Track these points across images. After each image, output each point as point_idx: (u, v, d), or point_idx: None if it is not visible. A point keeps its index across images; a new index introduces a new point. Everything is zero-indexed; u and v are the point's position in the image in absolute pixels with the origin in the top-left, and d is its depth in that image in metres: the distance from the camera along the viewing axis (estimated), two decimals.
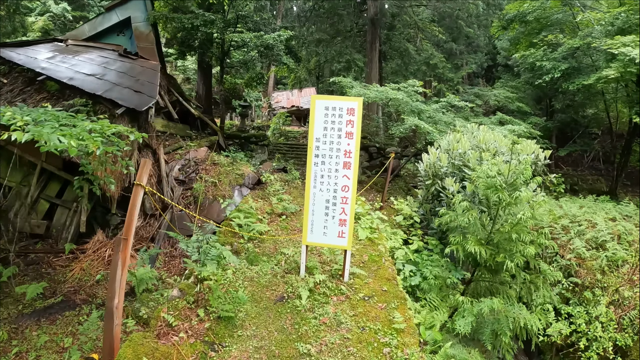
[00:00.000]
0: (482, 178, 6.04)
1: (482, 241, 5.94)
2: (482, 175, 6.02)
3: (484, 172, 5.77)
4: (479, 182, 6.09)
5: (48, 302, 6.59)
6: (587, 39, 15.14)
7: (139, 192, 5.25)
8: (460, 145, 8.40)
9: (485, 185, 5.90)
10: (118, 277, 5.07)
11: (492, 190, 5.76)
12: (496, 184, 5.76)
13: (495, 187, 5.80)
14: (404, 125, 11.43)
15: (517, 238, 5.59)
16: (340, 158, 5.59)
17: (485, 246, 5.81)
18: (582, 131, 19.29)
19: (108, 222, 10.18)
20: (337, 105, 5.57)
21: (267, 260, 6.84)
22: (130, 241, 5.22)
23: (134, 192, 5.27)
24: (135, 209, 5.24)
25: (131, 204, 5.24)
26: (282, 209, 9.07)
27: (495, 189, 5.80)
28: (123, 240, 5.16)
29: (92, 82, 10.99)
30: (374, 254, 7.28)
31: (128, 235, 5.20)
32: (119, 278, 5.09)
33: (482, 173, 5.89)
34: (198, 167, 11.14)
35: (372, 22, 18.10)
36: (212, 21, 13.33)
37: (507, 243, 5.84)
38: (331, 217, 5.75)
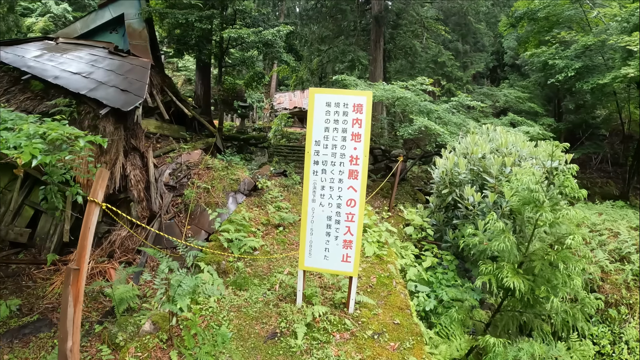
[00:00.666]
0: (518, 191, 4.84)
1: (517, 268, 4.71)
2: (518, 188, 4.82)
3: (523, 183, 4.55)
4: (513, 196, 4.90)
5: (24, 320, 5.84)
6: (601, 36, 13.92)
7: (93, 210, 4.10)
8: (479, 149, 7.18)
9: (523, 200, 4.70)
10: (70, 316, 3.94)
11: (532, 206, 4.55)
12: (536, 199, 4.55)
13: (535, 202, 4.59)
14: (413, 127, 10.22)
15: (564, 268, 4.35)
16: (345, 165, 4.39)
17: (523, 276, 4.59)
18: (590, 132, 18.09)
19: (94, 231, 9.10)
20: (341, 100, 4.38)
21: (258, 284, 5.65)
22: (83, 271, 4.07)
23: (87, 210, 4.12)
24: (89, 232, 4.08)
25: (84, 225, 4.10)
26: (279, 220, 7.87)
27: (535, 206, 4.59)
28: (73, 272, 4.00)
29: (78, 81, 9.92)
30: (383, 275, 6.08)
31: (80, 264, 4.04)
32: (71, 317, 3.95)
33: (519, 184, 4.68)
34: (190, 171, 9.97)
35: (377, 20, 16.90)
36: (208, 17, 12.15)
37: (549, 272, 4.62)
38: (334, 238, 4.55)
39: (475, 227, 6.87)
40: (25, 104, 9.46)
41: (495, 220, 4.63)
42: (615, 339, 6.95)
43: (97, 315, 6.91)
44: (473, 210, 6.65)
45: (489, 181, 6.82)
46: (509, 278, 4.36)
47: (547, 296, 4.50)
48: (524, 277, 4.62)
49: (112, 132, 9.34)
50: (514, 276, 4.44)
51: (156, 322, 4.84)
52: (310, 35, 18.01)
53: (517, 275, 4.51)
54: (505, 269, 4.47)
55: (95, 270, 8.32)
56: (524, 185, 4.55)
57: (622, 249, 8.58)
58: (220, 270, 6.00)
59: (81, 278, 4.03)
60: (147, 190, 9.33)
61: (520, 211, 5.14)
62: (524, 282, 4.52)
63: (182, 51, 13.95)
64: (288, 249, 6.94)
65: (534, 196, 4.49)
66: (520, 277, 4.54)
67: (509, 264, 4.62)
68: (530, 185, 4.50)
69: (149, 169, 9.58)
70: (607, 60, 14.83)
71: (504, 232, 4.61)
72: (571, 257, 4.46)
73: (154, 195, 9.24)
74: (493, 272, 4.57)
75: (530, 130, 12.04)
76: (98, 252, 8.87)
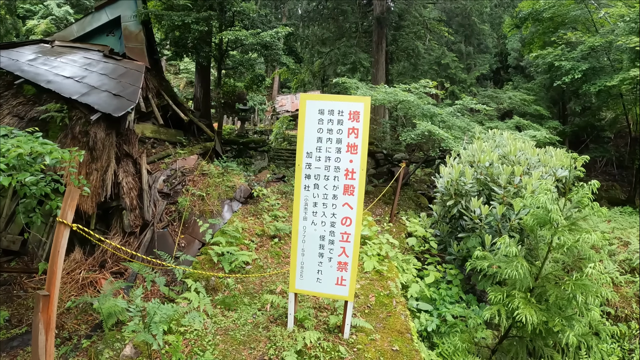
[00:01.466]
0: (532, 209, 4.36)
1: (528, 296, 4.22)
2: (532, 206, 4.35)
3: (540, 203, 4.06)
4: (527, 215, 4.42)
5: (12, 332, 5.69)
6: (609, 37, 13.39)
7: (63, 233, 3.67)
8: (486, 157, 6.69)
9: (538, 220, 4.21)
10: (41, 344, 3.55)
11: (548, 227, 4.07)
12: (552, 219, 4.06)
13: (551, 222, 4.11)
14: (416, 131, 9.73)
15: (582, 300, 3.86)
16: (339, 180, 3.93)
17: (535, 305, 4.10)
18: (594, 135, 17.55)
19: (88, 239, 8.79)
20: (335, 107, 3.92)
21: (248, 304, 5.19)
22: (54, 297, 3.66)
23: (57, 232, 3.71)
24: (59, 256, 3.67)
25: (53, 248, 3.72)
26: (274, 231, 7.40)
27: (552, 227, 4.11)
28: (43, 298, 3.59)
29: (70, 86, 9.57)
30: (383, 293, 5.61)
31: (51, 289, 3.65)
32: (43, 345, 3.55)
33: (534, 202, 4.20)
34: (185, 178, 9.54)
35: (379, 21, 16.42)
36: (206, 18, 11.72)
37: (564, 302, 4.14)
38: (327, 259, 4.09)
39: (481, 241, 6.40)
40: (17, 109, 9.13)
41: (507, 244, 4.14)
42: (624, 355, 6.47)
43: (86, 329, 6.57)
44: (480, 223, 6.17)
45: (497, 192, 6.34)
46: (521, 310, 3.88)
47: (562, 329, 4.02)
48: (536, 306, 4.14)
49: (103, 138, 8.93)
50: (526, 307, 3.96)
51: (137, 345, 4.41)
52: (311, 37, 17.54)
53: (529, 306, 4.02)
54: (516, 299, 3.99)
55: (87, 280, 7.96)
56: (540, 204, 4.06)
57: (633, 259, 8.13)
58: (210, 287, 5.56)
59: (52, 304, 3.67)
60: (140, 198, 8.92)
61: (533, 230, 4.65)
62: (537, 313, 4.04)
63: (180, 53, 13.52)
64: (282, 263, 6.48)
65: (551, 217, 4.00)
66: (532, 307, 4.06)
67: (520, 293, 4.14)
68: (547, 205, 4.01)
69: (142, 175, 9.16)
70: (614, 62, 14.32)
71: (516, 257, 4.13)
72: (590, 287, 3.98)
73: (147, 203, 8.83)
74: (503, 302, 4.09)
75: (537, 134, 11.55)
76: (90, 261, 8.50)
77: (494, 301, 4.13)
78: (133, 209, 8.77)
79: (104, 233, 8.83)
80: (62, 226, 3.63)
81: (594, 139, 17.70)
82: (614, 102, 15.81)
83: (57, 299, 3.80)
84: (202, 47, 13.00)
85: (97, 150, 8.76)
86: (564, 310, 4.33)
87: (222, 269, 5.86)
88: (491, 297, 4.19)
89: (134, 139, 9.77)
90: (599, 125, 17.09)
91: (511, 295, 4.08)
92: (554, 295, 4.12)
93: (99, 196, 8.58)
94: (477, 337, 5.47)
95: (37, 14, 24.64)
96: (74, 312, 6.75)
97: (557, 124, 15.59)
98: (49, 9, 24.28)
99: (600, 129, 17.17)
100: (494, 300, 4.14)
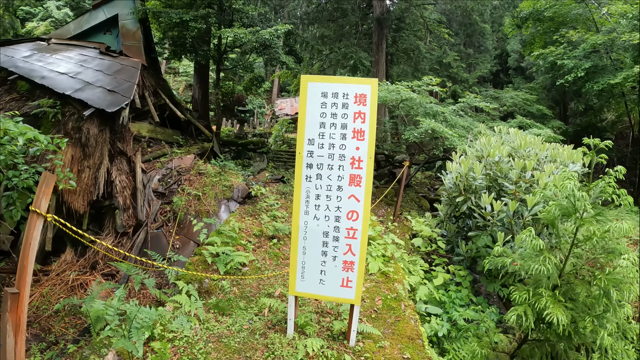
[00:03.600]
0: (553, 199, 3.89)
1: (557, 293, 3.73)
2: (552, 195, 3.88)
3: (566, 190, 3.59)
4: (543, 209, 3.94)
5: None
6: (612, 35, 12.99)
7: (35, 223, 3.19)
8: (496, 152, 6.21)
9: (561, 210, 3.73)
10: (10, 347, 3.10)
11: (574, 218, 3.60)
12: (578, 208, 3.59)
13: (578, 212, 3.64)
14: (419, 129, 9.27)
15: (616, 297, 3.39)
16: (345, 169, 3.45)
17: (562, 304, 3.62)
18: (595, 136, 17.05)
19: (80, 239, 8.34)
20: (340, 90, 3.45)
21: (244, 308, 4.69)
22: (25, 296, 3.20)
23: (29, 222, 3.23)
24: (30, 249, 3.21)
25: (24, 241, 3.26)
26: (273, 231, 6.90)
27: (578, 218, 3.63)
28: (12, 296, 3.13)
29: (64, 81, 9.17)
30: (390, 296, 5.11)
31: (21, 286, 3.18)
32: (12, 349, 3.11)
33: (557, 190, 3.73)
34: (181, 177, 9.05)
35: (379, 22, 15.99)
36: (204, 16, 11.27)
37: (593, 302, 3.66)
38: (331, 258, 3.60)
39: (492, 239, 5.93)
40: (10, 104, 8.74)
41: (532, 237, 3.65)
42: None
43: (74, 333, 6.13)
44: (492, 220, 5.69)
45: (509, 187, 5.86)
46: (550, 309, 3.39)
47: (594, 329, 3.54)
48: (564, 305, 3.66)
49: (96, 135, 8.47)
50: (555, 306, 3.47)
51: (120, 353, 3.91)
52: (311, 40, 17.10)
53: (557, 305, 3.54)
54: (544, 298, 3.50)
55: (77, 282, 7.51)
56: (567, 191, 3.57)
57: None
58: (203, 289, 5.06)
59: (22, 303, 3.27)
60: (134, 197, 8.44)
61: (554, 222, 4.17)
62: (565, 312, 3.56)
63: (178, 53, 13.05)
64: (282, 265, 5.98)
65: (579, 205, 3.53)
66: (560, 306, 3.58)
67: (548, 291, 3.66)
68: (575, 192, 3.53)
69: (137, 174, 8.68)
70: (615, 61, 13.92)
71: (541, 251, 3.64)
72: (623, 282, 3.51)
73: (141, 203, 8.34)
74: (528, 302, 3.59)
75: (541, 133, 11.10)
76: (82, 262, 8.05)
77: (519, 301, 3.64)
78: (126, 209, 8.29)
79: (97, 233, 8.37)
80: (34, 216, 3.16)
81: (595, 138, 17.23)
82: (615, 102, 15.40)
83: (28, 297, 3.34)
84: (200, 46, 12.55)
85: (89, 147, 8.31)
86: (593, 309, 3.85)
87: (216, 270, 5.37)
88: (515, 296, 3.69)
89: (128, 136, 9.30)
90: (600, 126, 16.66)
91: (538, 293, 3.59)
92: (583, 292, 3.65)
93: (91, 194, 8.12)
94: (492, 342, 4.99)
95: (36, 16, 24.25)
96: (62, 314, 6.32)
97: (560, 123, 15.15)
98: (49, 11, 23.89)
99: (602, 130, 16.74)
100: (518, 300, 3.64)
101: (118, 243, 8.14)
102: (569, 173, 3.94)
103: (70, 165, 8.06)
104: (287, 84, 29.02)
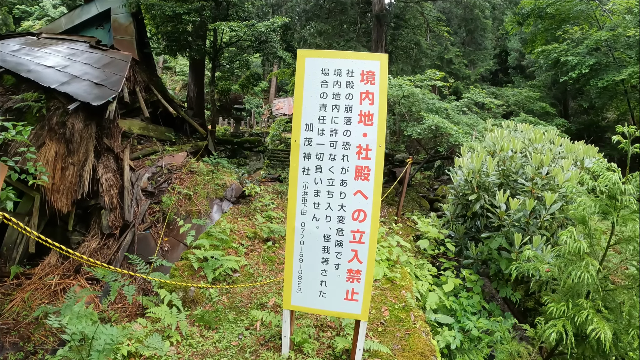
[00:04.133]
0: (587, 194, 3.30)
1: (600, 304, 3.12)
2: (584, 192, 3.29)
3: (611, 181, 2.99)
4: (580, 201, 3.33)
5: None
6: (617, 30, 12.46)
7: None
8: (511, 145, 5.61)
9: (600, 207, 3.13)
10: None
11: (617, 215, 3.00)
12: (624, 203, 3.00)
13: (622, 208, 3.05)
14: (422, 125, 8.66)
15: None
16: (350, 160, 2.83)
17: (604, 316, 3.02)
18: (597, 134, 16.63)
19: (68, 240, 7.80)
20: (343, 66, 2.84)
21: (234, 320, 4.06)
22: None
23: None
24: None
25: None
26: (268, 233, 6.26)
27: (621, 215, 3.04)
28: None
29: (50, 75, 8.61)
30: (398, 306, 4.49)
31: None
32: None
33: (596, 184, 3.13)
34: (172, 175, 8.41)
35: (378, 19, 15.39)
36: (198, 9, 10.65)
37: (634, 310, 3.06)
38: (333, 266, 2.98)
39: (508, 241, 5.33)
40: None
41: (575, 239, 3.04)
42: None
43: (54, 342, 5.65)
44: (508, 220, 5.08)
45: (525, 184, 5.26)
46: (595, 324, 2.78)
47: None
48: (605, 317, 3.07)
49: (81, 130, 7.85)
50: (599, 320, 2.87)
51: None
52: (309, 36, 16.49)
53: (599, 317, 2.94)
54: (586, 311, 2.89)
55: (59, 287, 6.93)
56: (610, 183, 2.97)
57: None
58: (188, 298, 4.44)
59: None
60: (121, 197, 7.82)
61: (585, 221, 3.58)
62: (608, 325, 2.96)
63: (172, 48, 12.41)
64: (276, 270, 5.34)
65: (625, 201, 2.93)
66: (602, 317, 2.98)
67: (589, 302, 3.05)
68: (620, 186, 2.93)
69: (124, 172, 8.06)
70: (617, 59, 13.40)
71: (579, 255, 3.03)
72: None
73: (129, 202, 7.72)
74: (567, 316, 2.98)
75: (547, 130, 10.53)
76: (66, 265, 7.47)
77: (556, 314, 3.02)
78: (113, 209, 7.66)
79: (83, 235, 7.75)
80: None
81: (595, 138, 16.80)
82: (618, 100, 14.88)
83: None
84: (195, 41, 11.93)
85: (74, 142, 7.69)
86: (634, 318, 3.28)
87: (204, 277, 4.74)
88: (551, 309, 3.08)
89: (116, 132, 8.66)
90: (603, 124, 16.12)
91: (577, 304, 2.98)
92: (628, 302, 3.05)
93: (75, 193, 7.51)
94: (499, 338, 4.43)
95: (32, 15, 23.60)
96: (42, 321, 5.78)
97: (564, 121, 14.60)
98: (45, 10, 23.28)
99: (605, 128, 16.20)
100: (555, 313, 3.03)
101: (104, 245, 7.53)
102: (606, 164, 3.34)
103: (54, 161, 7.47)
104: (285, 84, 28.40)
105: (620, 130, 3.32)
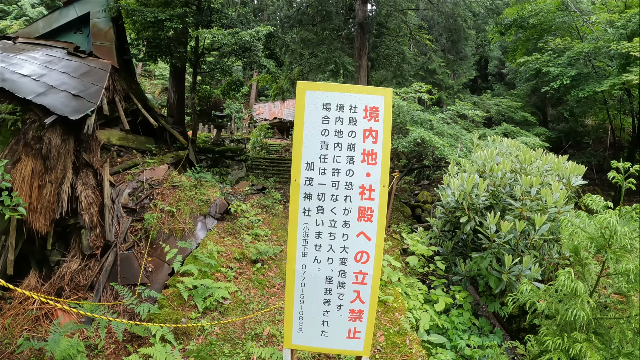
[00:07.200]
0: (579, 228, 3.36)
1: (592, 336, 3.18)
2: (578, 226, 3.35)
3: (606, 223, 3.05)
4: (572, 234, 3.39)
5: None
6: (598, 43, 12.81)
7: None
8: (500, 167, 5.68)
9: (596, 244, 3.19)
10: None
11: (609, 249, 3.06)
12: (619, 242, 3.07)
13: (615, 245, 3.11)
14: (408, 139, 8.71)
15: None
16: (352, 201, 2.79)
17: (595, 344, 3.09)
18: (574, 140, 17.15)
19: (47, 259, 7.51)
20: (346, 101, 2.80)
21: (230, 355, 3.96)
22: None
23: None
24: None
25: None
26: (256, 254, 6.15)
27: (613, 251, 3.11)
28: None
29: (26, 84, 8.30)
30: (393, 329, 4.48)
31: None
32: None
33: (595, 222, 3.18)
34: (153, 191, 8.22)
35: (361, 27, 15.44)
36: (180, 15, 10.46)
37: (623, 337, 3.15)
38: (335, 307, 2.93)
39: (498, 262, 5.40)
40: None
41: (572, 279, 3.08)
42: None
43: None
44: (498, 241, 5.14)
45: (515, 205, 5.34)
46: (589, 357, 2.84)
47: None
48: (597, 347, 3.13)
49: (58, 145, 7.60)
50: (592, 352, 2.92)
51: None
52: (292, 43, 16.41)
53: (592, 349, 2.99)
54: (580, 343, 2.95)
55: (41, 312, 6.58)
56: (607, 224, 3.03)
57: None
58: (180, 331, 4.31)
59: None
60: (102, 215, 7.58)
61: (577, 251, 3.66)
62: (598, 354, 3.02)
63: (153, 55, 12.16)
64: (267, 295, 5.26)
65: (620, 240, 3.00)
66: (594, 348, 3.03)
67: (582, 334, 3.10)
68: (617, 228, 2.99)
69: (104, 188, 7.82)
70: (597, 69, 13.80)
71: (576, 294, 3.08)
72: None
73: (109, 221, 7.49)
74: (563, 348, 3.02)
75: (528, 142, 10.76)
76: (47, 287, 7.15)
77: (552, 347, 3.06)
78: (93, 228, 7.41)
79: (63, 255, 7.49)
80: None
81: (573, 144, 17.29)
82: (598, 108, 15.35)
83: None
84: (176, 47, 11.71)
85: (51, 159, 7.44)
86: (623, 347, 3.36)
87: (194, 306, 4.62)
88: (548, 342, 3.11)
89: (95, 146, 8.42)
90: (581, 131, 16.59)
91: (572, 337, 3.03)
92: (618, 334, 3.12)
93: (54, 213, 7.25)
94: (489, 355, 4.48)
95: (10, 15, 22.83)
96: (27, 350, 5.48)
97: (545, 130, 14.97)
98: (23, 9, 22.52)
99: (584, 135, 16.68)
100: (551, 346, 3.07)
101: (85, 266, 7.26)
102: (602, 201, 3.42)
103: (30, 179, 7.19)
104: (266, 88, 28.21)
105: (615, 165, 3.40)
